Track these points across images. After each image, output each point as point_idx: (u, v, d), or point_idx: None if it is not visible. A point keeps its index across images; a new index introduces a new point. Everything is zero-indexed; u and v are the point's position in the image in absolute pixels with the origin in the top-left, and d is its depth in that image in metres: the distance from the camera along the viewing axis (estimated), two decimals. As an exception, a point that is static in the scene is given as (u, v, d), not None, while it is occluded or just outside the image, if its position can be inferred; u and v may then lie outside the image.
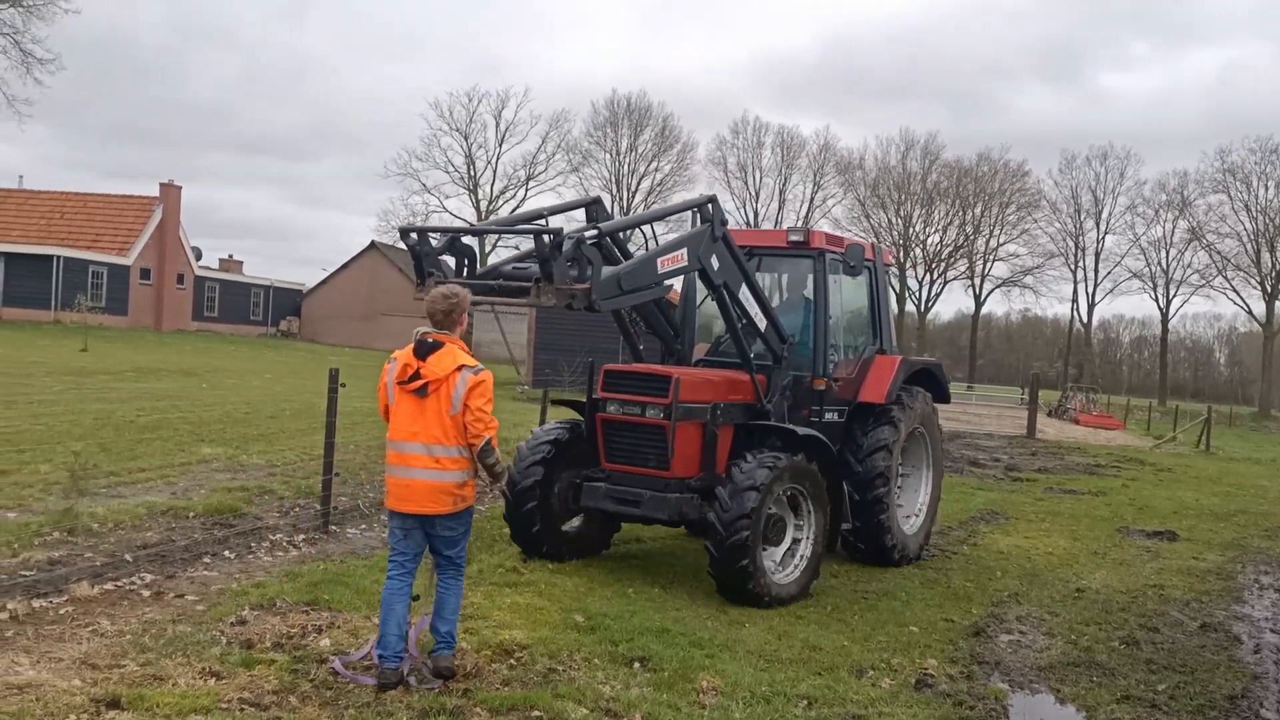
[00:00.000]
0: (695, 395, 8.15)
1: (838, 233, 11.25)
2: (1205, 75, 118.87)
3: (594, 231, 7.27)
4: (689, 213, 8.57)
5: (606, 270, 7.10)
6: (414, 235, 7.08)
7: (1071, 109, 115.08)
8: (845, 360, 9.78)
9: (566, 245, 6.70)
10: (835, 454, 8.69)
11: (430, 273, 7.00)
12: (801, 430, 8.41)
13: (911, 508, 10.33)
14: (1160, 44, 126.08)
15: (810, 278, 9.54)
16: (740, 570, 7.59)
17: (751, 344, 8.77)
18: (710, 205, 8.10)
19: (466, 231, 7.43)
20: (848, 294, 9.98)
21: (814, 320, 9.35)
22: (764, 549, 7.91)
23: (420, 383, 5.47)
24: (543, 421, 14.18)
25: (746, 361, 8.62)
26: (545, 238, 6.62)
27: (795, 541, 8.26)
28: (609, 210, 9.05)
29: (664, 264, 7.59)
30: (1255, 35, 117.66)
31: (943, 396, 10.89)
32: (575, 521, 8.90)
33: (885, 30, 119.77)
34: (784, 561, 8.17)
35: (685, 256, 7.75)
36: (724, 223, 8.11)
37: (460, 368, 5.47)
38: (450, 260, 7.33)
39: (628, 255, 8.18)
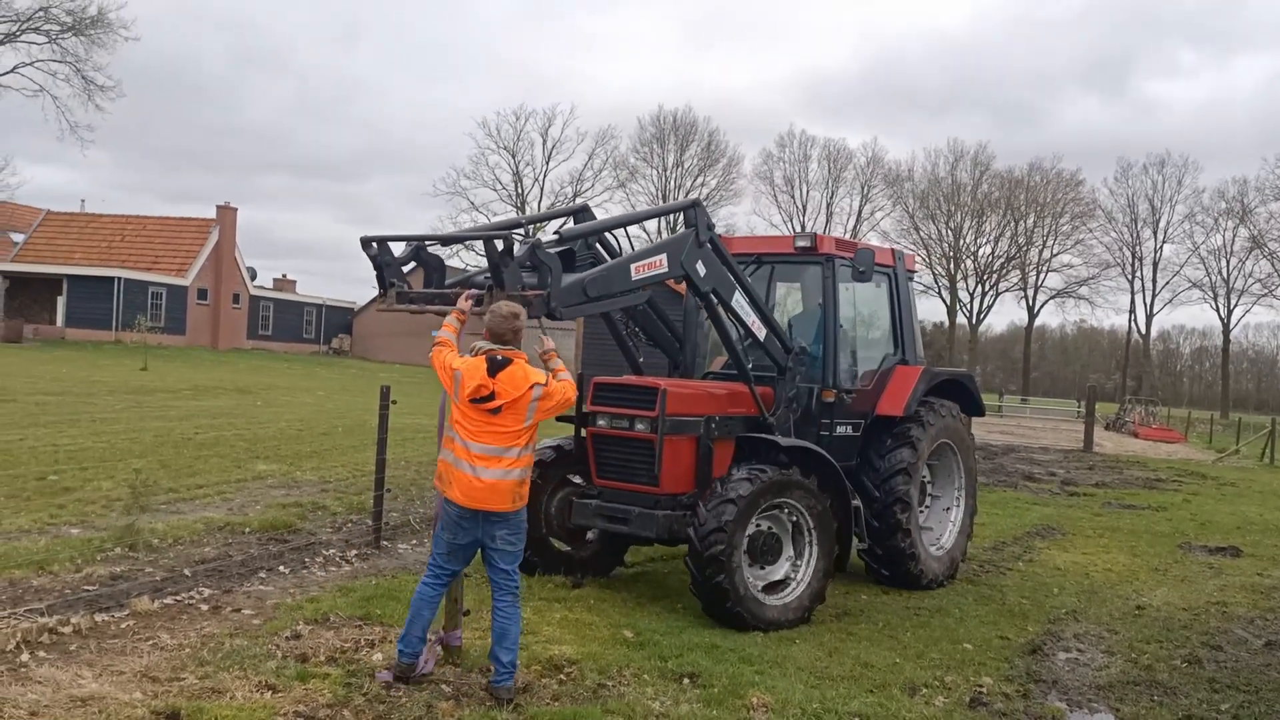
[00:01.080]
0: (686, 408, 7.82)
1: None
2: (1255, 83, 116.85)
3: (554, 236, 7.11)
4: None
5: (571, 276, 6.86)
6: (374, 245, 6.88)
7: (1119, 119, 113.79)
8: (863, 371, 9.40)
9: (520, 250, 6.48)
10: (837, 468, 8.18)
11: (392, 283, 6.87)
12: (785, 441, 7.98)
13: (942, 529, 9.88)
14: (1207, 52, 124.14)
15: (820, 285, 9.13)
16: (717, 587, 7.20)
17: (754, 355, 8.44)
18: (694, 210, 7.75)
19: (427, 239, 7.19)
20: (864, 301, 9.61)
21: (823, 329, 8.99)
22: (758, 568, 7.59)
23: (496, 404, 5.62)
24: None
25: (743, 372, 8.19)
26: (496, 243, 6.37)
27: (793, 562, 7.83)
28: (597, 219, 8.60)
29: (639, 270, 7.19)
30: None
31: (975, 409, 10.39)
32: (590, 537, 8.66)
33: (929, 44, 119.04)
34: (781, 583, 7.76)
35: (665, 262, 7.39)
36: (710, 227, 7.73)
37: (533, 385, 5.66)
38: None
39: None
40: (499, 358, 5.65)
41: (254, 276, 56.74)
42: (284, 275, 65.27)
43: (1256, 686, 6.96)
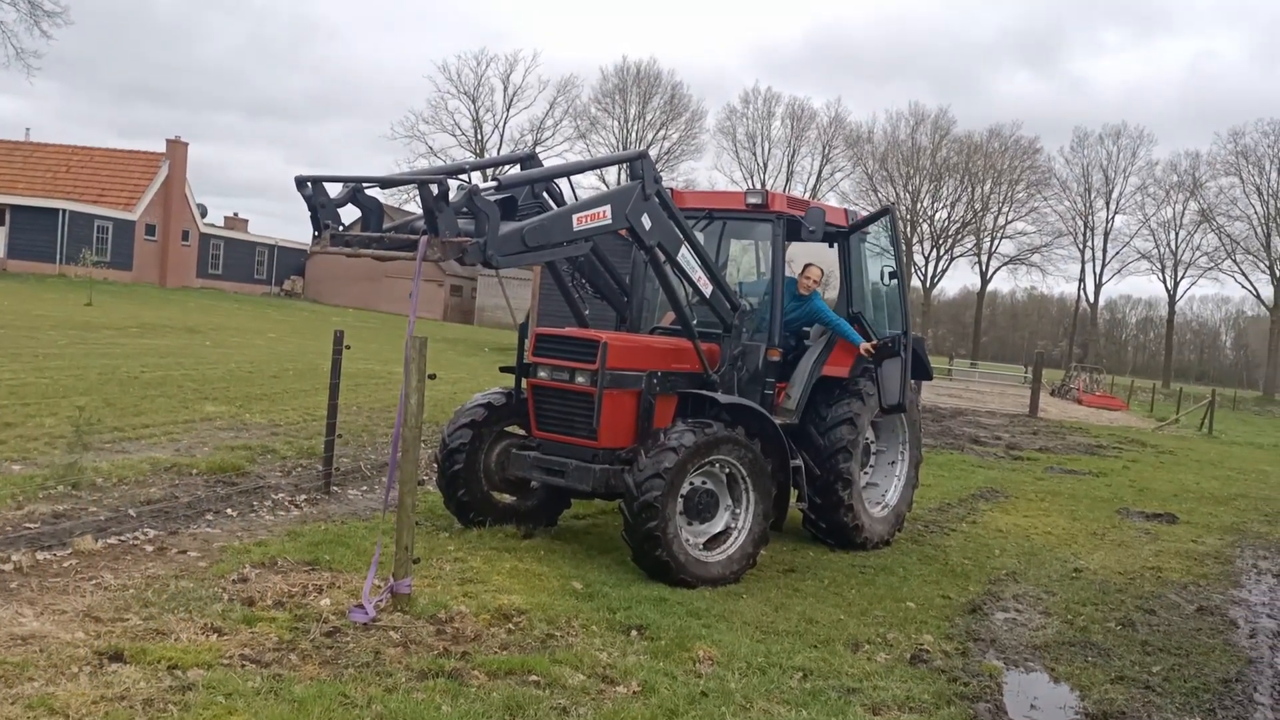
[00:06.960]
0: (627, 362, 7.76)
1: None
2: (1178, 66, 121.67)
3: (493, 184, 6.99)
4: None
5: (510, 225, 6.67)
6: (309, 186, 6.76)
7: (1050, 95, 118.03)
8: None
9: (456, 196, 6.36)
10: (777, 427, 8.19)
11: (326, 225, 6.76)
12: (724, 398, 7.94)
13: (887, 483, 9.96)
14: (1132, 33, 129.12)
15: (769, 243, 9.01)
16: (648, 534, 7.17)
17: (702, 311, 8.37)
18: (641, 162, 7.52)
19: (365, 180, 7.00)
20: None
21: (771, 288, 8.92)
22: (690, 524, 7.61)
23: None
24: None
25: (687, 328, 8.06)
26: (431, 187, 6.26)
27: (729, 523, 7.85)
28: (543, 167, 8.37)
29: (581, 220, 7.03)
30: (1225, 26, 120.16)
31: (922, 373, 10.43)
32: (534, 485, 8.58)
33: (872, 17, 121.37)
34: (715, 541, 7.76)
35: (609, 214, 7.21)
36: (657, 180, 7.53)
37: None
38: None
39: None
40: None
41: (204, 214, 55.42)
42: (235, 213, 63.98)
43: (1187, 650, 7.18)
